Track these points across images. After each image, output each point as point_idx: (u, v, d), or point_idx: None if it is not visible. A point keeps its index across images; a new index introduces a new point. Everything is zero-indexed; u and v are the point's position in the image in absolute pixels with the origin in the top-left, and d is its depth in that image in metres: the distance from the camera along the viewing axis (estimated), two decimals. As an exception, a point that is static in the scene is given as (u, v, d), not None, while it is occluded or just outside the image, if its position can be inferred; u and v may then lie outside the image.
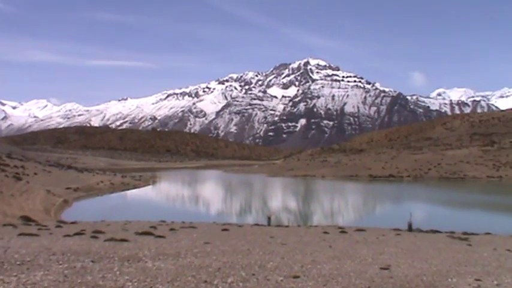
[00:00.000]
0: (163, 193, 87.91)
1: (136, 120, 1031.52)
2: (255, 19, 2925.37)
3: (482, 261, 16.88)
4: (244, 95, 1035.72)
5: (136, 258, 14.23)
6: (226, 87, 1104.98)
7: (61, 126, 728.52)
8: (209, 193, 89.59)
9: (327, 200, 75.40)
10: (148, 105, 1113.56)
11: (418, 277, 13.42)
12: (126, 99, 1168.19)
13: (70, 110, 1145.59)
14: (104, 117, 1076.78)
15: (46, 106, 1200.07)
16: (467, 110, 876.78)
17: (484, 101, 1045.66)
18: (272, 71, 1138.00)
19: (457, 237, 26.33)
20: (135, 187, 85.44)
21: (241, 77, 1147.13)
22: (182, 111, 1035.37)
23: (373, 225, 34.42)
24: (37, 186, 59.24)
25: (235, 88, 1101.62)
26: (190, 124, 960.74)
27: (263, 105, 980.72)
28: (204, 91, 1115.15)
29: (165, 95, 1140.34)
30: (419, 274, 13.83)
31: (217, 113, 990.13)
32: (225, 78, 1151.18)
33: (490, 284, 12.83)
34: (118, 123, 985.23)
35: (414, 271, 14.30)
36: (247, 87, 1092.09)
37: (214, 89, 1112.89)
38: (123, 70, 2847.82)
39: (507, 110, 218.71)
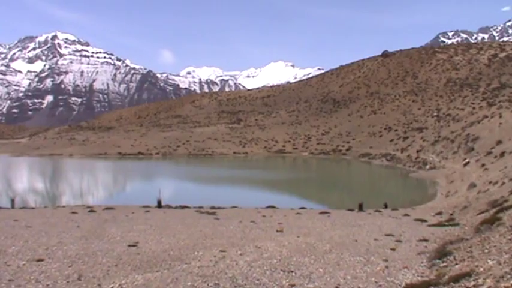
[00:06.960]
0: None
1: None
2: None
3: (228, 234, 17.64)
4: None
5: None
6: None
7: None
8: None
9: (76, 179, 73.63)
10: None
11: (166, 252, 13.75)
12: None
13: None
14: None
15: None
16: (216, 88, 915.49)
17: (232, 80, 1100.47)
18: (17, 43, 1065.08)
19: (205, 212, 27.18)
20: None
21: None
22: None
23: (123, 204, 34.25)
24: None
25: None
26: None
27: (6, 80, 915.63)
28: None
29: None
30: (166, 249, 14.15)
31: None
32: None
33: (234, 254, 13.48)
34: None
35: (162, 246, 14.57)
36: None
37: None
38: None
39: (253, 89, 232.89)
